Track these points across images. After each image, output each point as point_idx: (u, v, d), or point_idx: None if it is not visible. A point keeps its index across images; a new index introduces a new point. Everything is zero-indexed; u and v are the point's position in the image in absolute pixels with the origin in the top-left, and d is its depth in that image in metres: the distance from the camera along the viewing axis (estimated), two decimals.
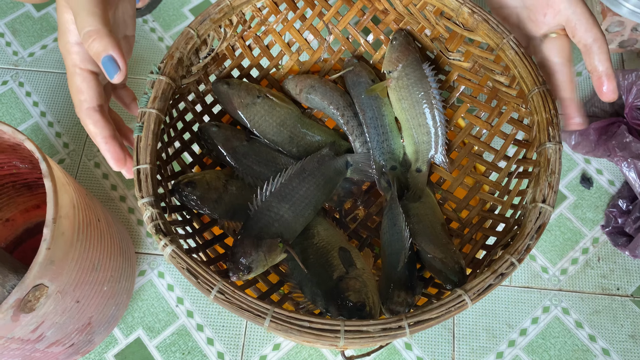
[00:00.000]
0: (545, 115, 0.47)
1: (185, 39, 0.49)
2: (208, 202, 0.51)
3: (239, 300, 0.39)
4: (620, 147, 0.82)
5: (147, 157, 0.43)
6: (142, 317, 0.80)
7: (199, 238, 0.53)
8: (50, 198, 0.56)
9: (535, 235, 0.43)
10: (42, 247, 0.54)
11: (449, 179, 0.57)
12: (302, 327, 0.38)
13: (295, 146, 0.56)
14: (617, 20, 0.90)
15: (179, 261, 0.40)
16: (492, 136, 0.57)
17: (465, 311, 0.81)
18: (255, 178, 0.54)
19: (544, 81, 0.48)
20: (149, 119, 0.45)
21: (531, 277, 0.83)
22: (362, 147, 0.56)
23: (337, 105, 0.56)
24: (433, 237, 0.50)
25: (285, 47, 0.60)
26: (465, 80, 0.58)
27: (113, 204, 0.87)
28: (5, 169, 0.74)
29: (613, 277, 0.83)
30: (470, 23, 0.52)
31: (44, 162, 0.58)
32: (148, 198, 0.42)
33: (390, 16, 0.59)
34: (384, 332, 0.38)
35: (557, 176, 0.44)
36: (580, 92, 0.95)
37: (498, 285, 0.41)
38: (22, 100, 0.94)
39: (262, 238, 0.47)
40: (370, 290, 0.46)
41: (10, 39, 0.99)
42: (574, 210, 0.87)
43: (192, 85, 0.55)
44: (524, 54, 0.49)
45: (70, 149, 0.91)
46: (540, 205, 0.43)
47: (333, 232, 0.52)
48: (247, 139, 0.56)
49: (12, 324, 0.54)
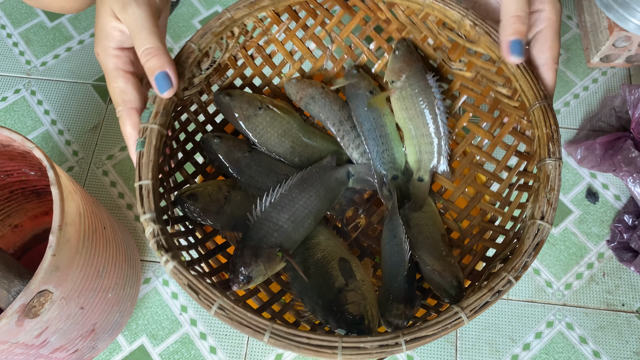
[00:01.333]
0: (545, 131, 0.47)
1: (186, 53, 0.50)
2: (210, 214, 0.51)
3: (239, 316, 0.39)
4: (626, 162, 0.82)
5: (149, 173, 0.44)
6: (146, 325, 0.81)
7: (201, 248, 0.53)
8: (56, 205, 0.57)
9: (532, 252, 0.43)
10: (47, 253, 0.54)
11: (451, 188, 0.57)
12: (300, 343, 0.39)
13: (298, 156, 0.57)
14: (624, 36, 0.90)
15: (180, 277, 0.41)
16: (494, 146, 0.57)
17: (468, 324, 0.80)
18: (257, 189, 0.55)
19: (545, 95, 0.48)
20: (150, 134, 0.45)
21: (535, 292, 0.82)
22: (360, 159, 0.57)
23: (333, 121, 0.57)
24: (433, 248, 0.50)
25: (288, 56, 0.61)
26: (468, 89, 0.58)
27: (120, 211, 0.88)
28: (15, 176, 0.75)
29: (618, 293, 0.82)
30: (472, 35, 0.52)
31: (52, 170, 0.59)
32: (150, 214, 0.43)
33: (393, 25, 0.59)
34: (380, 348, 0.39)
35: (556, 193, 0.44)
36: (587, 107, 0.95)
37: (495, 303, 0.42)
38: (34, 108, 0.96)
39: (261, 248, 0.47)
40: (369, 302, 0.47)
41: (24, 48, 1.01)
42: (579, 225, 0.87)
43: (195, 95, 0.56)
44: (525, 68, 0.49)
45: (79, 157, 0.92)
46: (539, 222, 0.44)
47: (334, 241, 0.52)
48: (249, 149, 0.56)
49: (16, 329, 0.55)
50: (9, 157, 0.70)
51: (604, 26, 0.93)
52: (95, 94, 0.97)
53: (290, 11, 0.58)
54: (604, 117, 0.92)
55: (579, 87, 0.97)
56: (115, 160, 0.91)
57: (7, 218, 0.82)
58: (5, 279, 0.56)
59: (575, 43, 1.01)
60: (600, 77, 0.98)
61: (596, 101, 0.96)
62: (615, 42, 0.92)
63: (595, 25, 0.97)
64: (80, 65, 0.99)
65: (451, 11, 0.52)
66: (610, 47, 0.93)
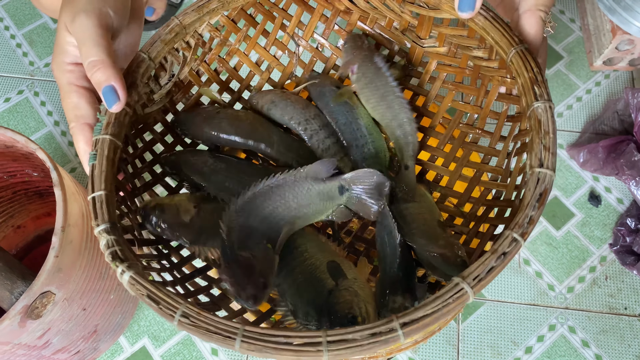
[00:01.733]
0: (527, 75, 0.43)
1: (136, 62, 0.47)
2: (178, 227, 0.47)
3: (206, 322, 0.34)
4: (628, 165, 0.81)
5: (101, 184, 0.41)
6: (147, 326, 0.81)
7: (177, 272, 0.49)
8: (59, 207, 0.57)
9: (536, 204, 0.38)
10: (50, 254, 0.55)
11: (447, 174, 0.54)
12: (278, 344, 0.33)
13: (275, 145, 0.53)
14: (627, 39, 0.90)
15: (138, 288, 0.36)
16: (484, 119, 0.54)
17: (471, 327, 0.80)
18: (228, 195, 0.50)
19: (520, 40, 0.44)
20: (102, 145, 0.43)
21: (537, 295, 0.82)
22: (335, 157, 0.53)
23: (299, 120, 0.53)
24: (429, 234, 0.47)
25: (254, 67, 0.58)
26: (446, 66, 0.56)
27: None
28: (18, 177, 0.75)
29: (621, 297, 0.82)
30: (434, 1, 0.50)
31: (55, 171, 0.59)
32: (104, 225, 0.40)
33: (355, 15, 0.57)
34: (373, 337, 0.33)
35: (551, 136, 0.40)
36: (590, 110, 0.95)
37: (502, 269, 0.35)
38: (37, 109, 0.96)
39: (252, 252, 0.44)
40: (362, 299, 0.42)
41: (27, 50, 1.01)
42: (581, 228, 0.86)
43: (158, 114, 0.53)
44: (494, 17, 0.46)
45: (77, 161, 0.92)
46: (538, 170, 0.39)
47: (323, 248, 0.48)
48: (213, 157, 0.53)
49: (19, 330, 0.55)
50: (12, 158, 0.70)
51: (607, 29, 0.93)
52: None
53: (245, 15, 0.55)
54: (607, 121, 0.92)
55: (582, 90, 0.97)
56: None
57: (10, 219, 0.82)
58: (8, 280, 0.56)
59: (578, 46, 1.01)
60: (603, 80, 0.98)
61: (599, 104, 0.96)
62: (618, 45, 0.92)
63: (598, 28, 0.97)
64: None
65: None
66: (613, 50, 0.93)
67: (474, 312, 0.81)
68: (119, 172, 0.46)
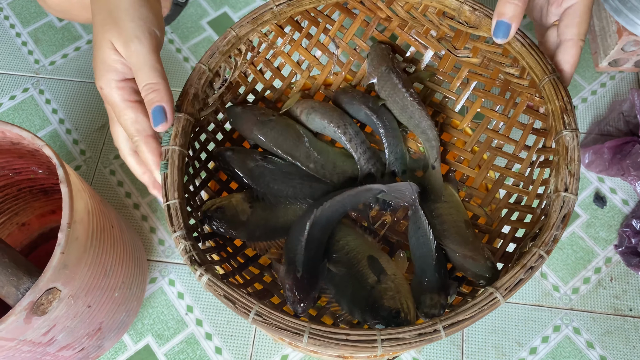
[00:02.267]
0: (558, 103, 0.47)
1: (198, 74, 0.51)
2: (238, 226, 0.52)
3: (277, 320, 0.40)
4: (634, 166, 0.81)
5: (175, 192, 0.45)
6: (151, 324, 0.81)
7: (233, 262, 0.54)
8: (65, 203, 0.57)
9: (560, 225, 0.43)
10: (56, 251, 0.55)
11: (472, 174, 0.57)
12: (339, 341, 0.39)
13: (313, 162, 0.57)
14: (633, 40, 0.90)
15: (215, 289, 0.41)
16: (510, 128, 0.57)
17: (475, 327, 0.80)
18: (274, 196, 0.55)
19: (553, 69, 0.48)
20: (172, 156, 0.47)
21: (542, 296, 0.82)
22: (367, 164, 0.57)
23: (338, 124, 0.57)
24: (459, 236, 0.50)
25: (296, 66, 0.61)
26: (477, 75, 0.58)
27: (127, 211, 0.88)
28: (24, 174, 0.75)
29: (626, 298, 0.82)
30: (473, 20, 0.52)
31: (61, 168, 0.59)
32: (180, 231, 0.44)
33: (394, 22, 0.60)
34: (420, 337, 0.39)
35: (576, 163, 0.45)
36: (595, 111, 0.95)
37: (528, 279, 0.42)
38: (42, 107, 0.96)
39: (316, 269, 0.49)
40: (403, 295, 0.47)
41: (33, 48, 1.01)
42: (586, 229, 0.86)
43: (211, 115, 0.57)
44: (530, 45, 0.49)
45: (86, 156, 0.92)
46: (563, 194, 0.44)
47: (361, 241, 0.52)
48: (262, 158, 0.57)
49: (24, 326, 0.55)
50: (18, 155, 0.70)
51: (612, 30, 0.93)
52: None
53: (293, 22, 0.59)
54: (612, 122, 0.92)
55: (587, 91, 0.97)
56: (122, 160, 0.91)
57: (14, 216, 0.82)
58: (14, 276, 0.56)
59: (584, 47, 1.00)
60: (608, 82, 0.97)
61: (604, 105, 0.95)
62: (624, 46, 0.92)
63: (604, 29, 0.96)
64: (88, 64, 1.00)
65: (449, 0, 0.52)
66: (619, 52, 0.93)
67: None
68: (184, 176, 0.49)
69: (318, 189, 0.56)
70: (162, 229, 0.87)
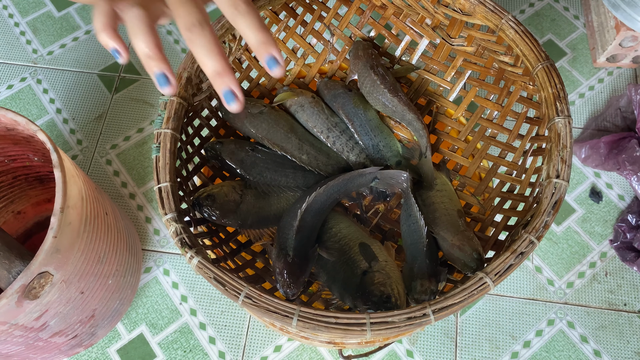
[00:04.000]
0: (551, 90, 0.47)
1: (191, 58, 0.51)
2: (228, 213, 0.52)
3: (266, 303, 0.40)
4: (630, 160, 0.81)
5: (166, 175, 0.45)
6: (145, 314, 0.81)
7: (225, 247, 0.54)
8: (59, 188, 0.57)
9: (552, 211, 0.43)
10: (48, 235, 0.55)
11: (466, 163, 0.57)
12: (329, 324, 0.39)
13: (305, 153, 0.57)
14: (631, 35, 0.90)
15: (205, 271, 0.42)
16: (504, 117, 0.57)
17: (469, 320, 0.80)
18: (267, 185, 0.55)
19: (546, 56, 0.48)
20: (164, 139, 0.47)
21: (537, 289, 0.82)
22: (357, 158, 0.57)
23: (321, 129, 0.58)
24: (449, 224, 0.51)
25: (291, 54, 0.61)
26: (471, 64, 0.59)
27: (123, 201, 0.88)
28: (19, 161, 0.75)
29: (620, 293, 0.82)
30: (468, 7, 0.53)
31: (55, 152, 0.59)
32: (171, 214, 0.44)
33: (389, 10, 0.60)
34: (409, 321, 0.39)
35: (569, 150, 0.45)
36: (592, 107, 0.95)
37: (519, 265, 0.42)
38: (39, 96, 0.96)
39: (306, 254, 0.50)
40: (394, 281, 0.47)
41: (31, 37, 1.01)
42: (582, 224, 0.86)
43: (205, 101, 0.57)
44: (524, 32, 0.50)
45: (83, 145, 0.92)
46: (555, 180, 0.44)
47: (354, 228, 0.53)
48: (252, 148, 0.57)
49: (16, 309, 0.55)
50: (13, 142, 0.70)
51: (610, 26, 0.93)
52: (100, 83, 0.97)
53: (288, 9, 0.59)
54: (609, 117, 0.92)
55: (585, 86, 0.97)
56: (118, 150, 0.92)
57: (10, 204, 0.82)
58: (6, 259, 0.56)
59: (582, 43, 1.01)
60: (606, 77, 0.97)
61: (602, 101, 0.95)
62: (622, 41, 0.92)
63: (602, 24, 0.96)
64: (86, 55, 1.00)
65: None
66: (617, 47, 0.93)
67: (473, 305, 0.81)
68: (176, 160, 0.49)
69: (311, 177, 0.56)
70: (157, 219, 0.87)
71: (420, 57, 0.61)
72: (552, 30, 1.02)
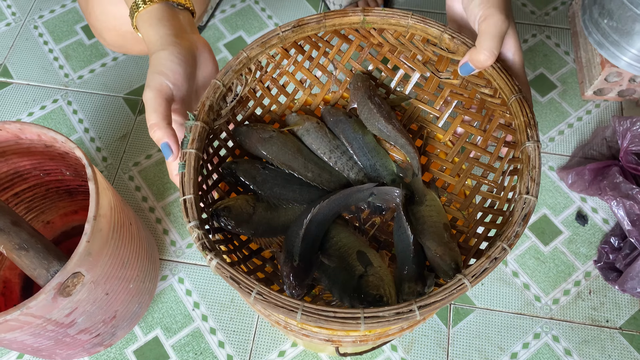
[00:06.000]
0: (523, 119, 0.54)
1: (213, 89, 0.59)
2: (242, 223, 0.59)
3: (275, 299, 0.46)
4: (610, 186, 0.88)
5: (190, 189, 0.52)
6: (161, 318, 0.88)
7: (239, 253, 0.61)
8: (92, 198, 0.65)
9: (522, 222, 0.49)
10: (82, 239, 0.62)
11: (453, 182, 0.65)
12: (328, 317, 0.45)
13: (310, 171, 0.65)
14: (615, 71, 0.97)
15: (223, 271, 0.48)
16: (486, 141, 0.64)
17: (460, 332, 0.86)
18: (277, 199, 0.63)
19: (519, 89, 0.56)
20: (189, 157, 0.54)
21: (524, 305, 0.88)
22: (356, 176, 0.64)
23: (324, 151, 0.65)
24: (435, 235, 0.57)
25: (299, 84, 0.69)
26: (457, 95, 0.66)
27: (143, 213, 0.96)
28: (52, 175, 0.83)
29: (603, 310, 0.87)
30: (452, 47, 0.60)
31: (90, 167, 0.67)
32: (194, 222, 0.51)
33: (385, 48, 0.68)
34: (397, 315, 0.45)
35: (537, 170, 0.51)
36: (580, 136, 1.02)
37: (493, 269, 0.48)
38: (69, 117, 1.05)
39: (311, 260, 0.57)
40: (386, 284, 0.53)
41: (63, 63, 1.11)
42: (568, 245, 0.92)
43: (223, 125, 0.65)
44: (500, 68, 0.57)
45: (108, 162, 1.00)
46: (525, 196, 0.50)
47: (353, 238, 0.59)
48: (263, 167, 0.65)
49: (51, 304, 0.62)
50: (49, 157, 0.78)
51: (597, 62, 1.00)
52: (125, 106, 1.06)
53: (297, 46, 0.67)
54: (596, 146, 0.99)
55: (574, 117, 1.04)
56: (140, 167, 1.00)
57: (41, 214, 0.90)
58: (45, 260, 0.64)
59: (572, 77, 1.08)
60: (593, 109, 1.04)
61: (589, 131, 1.02)
62: (607, 77, 0.99)
63: (589, 61, 1.04)
64: (113, 79, 1.09)
65: (431, 29, 0.61)
66: (603, 82, 1.00)
67: (464, 318, 0.87)
68: (199, 176, 0.57)
69: (315, 193, 0.64)
70: (174, 231, 0.94)
71: (412, 88, 0.68)
72: (544, 64, 1.10)
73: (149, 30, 0.57)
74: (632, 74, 0.97)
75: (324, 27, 0.64)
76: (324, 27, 0.63)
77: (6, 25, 1.16)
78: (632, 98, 1.04)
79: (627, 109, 1.04)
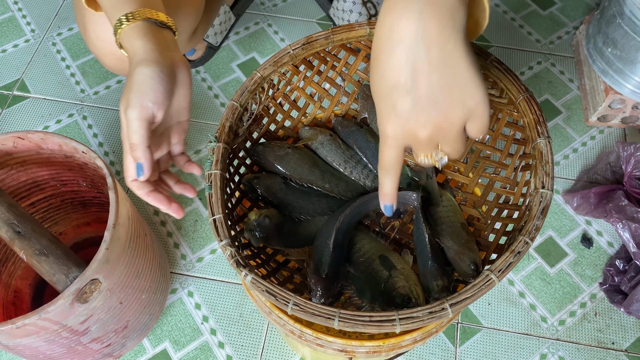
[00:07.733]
0: (532, 117, 0.56)
1: (232, 110, 0.61)
2: (273, 237, 0.61)
3: (312, 309, 0.48)
4: (616, 209, 0.89)
5: (219, 208, 0.54)
6: (169, 331, 0.88)
7: (267, 267, 0.63)
8: (112, 207, 0.66)
9: (540, 216, 0.51)
10: (102, 247, 0.63)
11: (466, 181, 0.67)
12: (364, 321, 0.47)
13: (327, 182, 0.67)
14: (619, 98, 1.00)
15: (259, 285, 0.49)
16: (495, 139, 0.66)
17: (467, 351, 0.86)
18: (298, 212, 0.65)
19: (526, 88, 0.58)
20: (215, 178, 0.56)
21: (531, 325, 0.89)
22: (372, 183, 0.66)
23: (339, 162, 0.68)
24: (454, 235, 0.59)
25: (309, 98, 0.71)
26: None
27: (155, 227, 0.97)
28: (69, 186, 0.85)
29: (609, 332, 0.88)
30: None
31: (110, 177, 0.68)
32: (226, 240, 0.53)
33: None
34: (430, 314, 0.47)
35: (550, 165, 0.53)
36: (584, 161, 1.04)
37: (517, 263, 0.49)
38: (84, 131, 1.07)
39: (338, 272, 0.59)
40: (412, 284, 0.55)
41: (80, 79, 1.13)
42: (574, 267, 0.94)
43: (241, 144, 0.67)
44: (506, 70, 0.59)
45: (121, 176, 1.02)
46: (541, 190, 0.52)
47: (374, 244, 0.62)
48: (284, 183, 0.67)
49: (68, 310, 0.63)
50: (68, 168, 0.80)
51: (601, 89, 1.03)
52: None
53: (306, 62, 0.69)
54: (600, 171, 1.01)
55: (578, 142, 1.06)
56: None
57: (54, 225, 0.91)
58: (65, 265, 0.65)
59: (576, 103, 1.11)
60: (597, 135, 1.07)
61: (593, 156, 1.05)
62: (611, 103, 1.02)
63: (593, 88, 1.07)
64: None
65: None
66: (607, 108, 1.03)
67: (471, 337, 0.88)
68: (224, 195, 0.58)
69: (334, 203, 0.65)
70: (184, 245, 0.96)
71: None
72: (549, 91, 1.13)
73: (135, 42, 0.56)
74: (636, 101, 1.00)
75: (332, 42, 0.66)
76: (332, 42, 0.66)
77: (25, 41, 1.19)
78: (635, 125, 1.06)
79: (630, 135, 1.06)
